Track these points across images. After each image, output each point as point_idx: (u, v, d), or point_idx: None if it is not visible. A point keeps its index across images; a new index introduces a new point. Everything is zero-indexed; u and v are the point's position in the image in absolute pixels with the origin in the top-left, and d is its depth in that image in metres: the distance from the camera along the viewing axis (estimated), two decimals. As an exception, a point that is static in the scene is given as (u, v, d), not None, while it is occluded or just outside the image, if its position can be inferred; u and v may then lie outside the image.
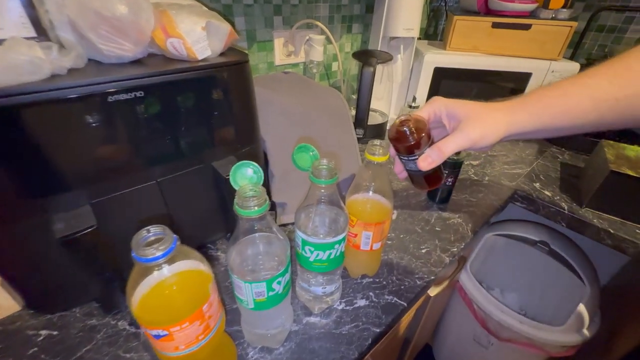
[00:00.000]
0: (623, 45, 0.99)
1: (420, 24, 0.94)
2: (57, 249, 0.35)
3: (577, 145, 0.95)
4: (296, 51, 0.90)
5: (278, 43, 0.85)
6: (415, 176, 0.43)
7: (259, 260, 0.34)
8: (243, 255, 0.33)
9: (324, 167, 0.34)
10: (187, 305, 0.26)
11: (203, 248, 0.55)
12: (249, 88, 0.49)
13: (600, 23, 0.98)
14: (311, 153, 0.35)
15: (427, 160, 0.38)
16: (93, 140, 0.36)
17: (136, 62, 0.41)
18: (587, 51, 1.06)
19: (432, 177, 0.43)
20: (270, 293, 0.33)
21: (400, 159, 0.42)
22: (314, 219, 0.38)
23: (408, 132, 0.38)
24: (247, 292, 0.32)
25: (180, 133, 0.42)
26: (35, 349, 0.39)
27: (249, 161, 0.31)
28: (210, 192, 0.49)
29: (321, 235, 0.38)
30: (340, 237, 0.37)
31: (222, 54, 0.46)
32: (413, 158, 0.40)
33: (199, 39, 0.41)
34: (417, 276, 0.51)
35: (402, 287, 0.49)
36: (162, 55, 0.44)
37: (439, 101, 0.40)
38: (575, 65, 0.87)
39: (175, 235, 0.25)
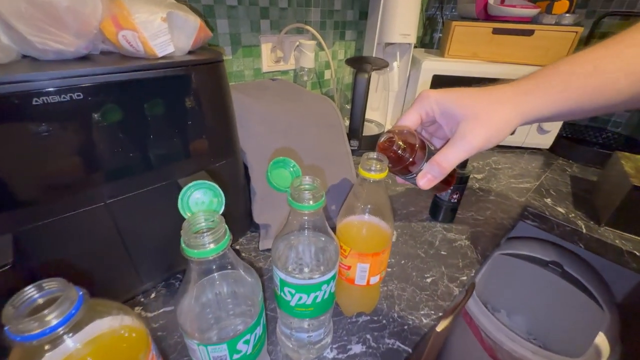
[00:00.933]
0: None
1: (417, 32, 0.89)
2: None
3: (585, 157, 0.89)
4: (285, 57, 0.84)
5: (265, 48, 0.79)
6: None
7: (220, 311, 0.26)
8: (197, 306, 0.25)
9: (307, 187, 0.27)
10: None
11: (170, 280, 0.46)
12: (223, 92, 0.42)
13: (604, 30, 0.94)
14: (291, 169, 0.28)
15: (427, 178, 0.32)
16: (15, 152, 0.28)
17: (82, 60, 0.33)
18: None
19: (443, 180, 0.36)
20: (235, 356, 0.25)
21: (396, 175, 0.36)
22: (295, 251, 0.30)
23: (399, 152, 0.32)
24: (203, 357, 0.24)
25: (135, 144, 0.35)
26: None
27: (206, 181, 0.24)
28: (176, 215, 0.41)
29: (305, 272, 0.30)
30: (329, 275, 0.29)
31: (191, 53, 0.40)
32: (410, 177, 0.34)
33: (158, 32, 0.34)
34: (422, 312, 0.44)
35: (406, 327, 0.41)
36: (118, 54, 0.37)
37: (429, 98, 0.33)
38: (581, 73, 0.82)
39: (80, 291, 0.17)
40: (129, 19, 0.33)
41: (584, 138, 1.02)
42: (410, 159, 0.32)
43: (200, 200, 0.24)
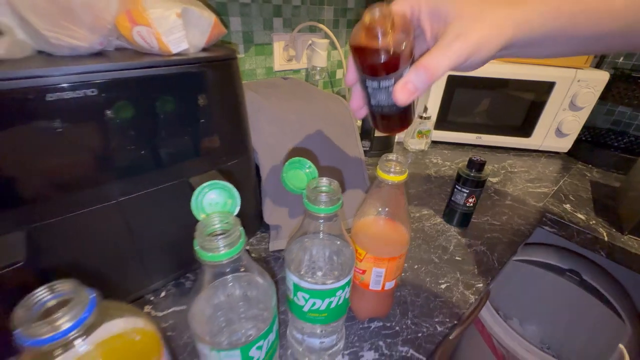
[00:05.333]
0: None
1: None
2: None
3: (607, 162, 0.86)
4: (297, 56, 0.83)
5: (278, 47, 0.79)
6: (380, 113, 0.29)
7: (232, 313, 0.25)
8: (208, 310, 0.24)
9: (324, 188, 0.26)
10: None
11: (180, 279, 0.46)
12: (236, 90, 0.41)
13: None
14: (307, 170, 0.27)
15: (408, 88, 0.24)
16: (28, 148, 0.28)
17: (96, 56, 0.33)
18: (612, 60, 0.98)
19: (403, 114, 0.29)
20: (247, 363, 0.24)
21: (365, 83, 0.27)
22: (309, 255, 0.29)
23: (387, 39, 0.22)
24: (214, 363, 0.23)
25: (147, 142, 0.34)
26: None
27: (220, 182, 0.23)
28: (187, 213, 0.40)
29: (319, 276, 0.29)
30: (344, 281, 0.28)
31: (204, 50, 0.39)
32: (387, 84, 0.25)
33: (172, 28, 0.34)
34: (437, 320, 0.42)
35: (420, 334, 0.40)
36: (133, 50, 0.36)
37: None
38: (604, 75, 0.79)
39: (92, 294, 0.17)
40: (144, 14, 0.32)
41: (605, 142, 0.99)
42: (396, 54, 0.23)
43: (214, 201, 0.23)
